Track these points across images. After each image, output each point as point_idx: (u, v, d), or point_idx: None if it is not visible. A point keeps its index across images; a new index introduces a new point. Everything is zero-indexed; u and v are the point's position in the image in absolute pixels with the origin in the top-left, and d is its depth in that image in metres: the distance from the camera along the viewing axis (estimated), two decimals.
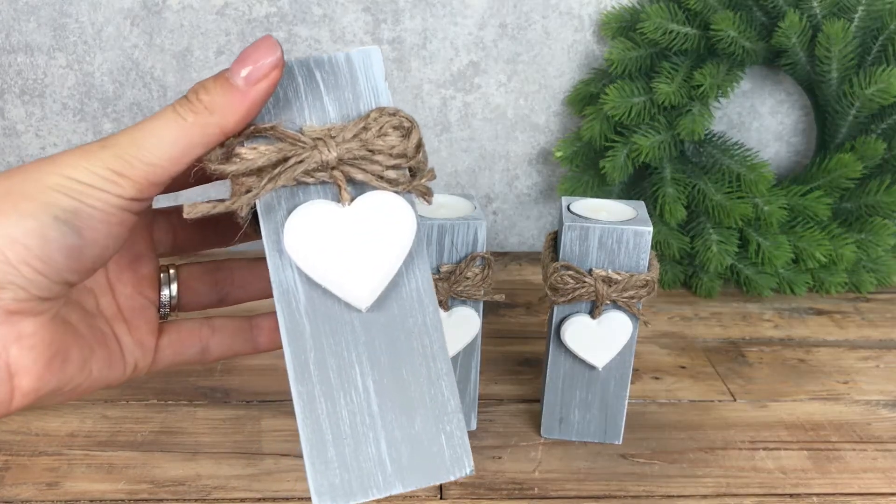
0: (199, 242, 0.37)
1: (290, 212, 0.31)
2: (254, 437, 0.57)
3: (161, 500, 0.50)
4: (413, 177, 0.33)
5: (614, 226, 0.51)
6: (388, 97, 0.33)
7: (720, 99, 0.81)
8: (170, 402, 0.60)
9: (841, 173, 0.77)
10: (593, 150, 0.81)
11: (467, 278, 0.52)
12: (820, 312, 0.78)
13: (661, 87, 0.74)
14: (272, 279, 0.31)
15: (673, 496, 0.52)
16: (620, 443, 0.57)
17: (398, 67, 0.84)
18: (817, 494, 0.53)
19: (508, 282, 0.82)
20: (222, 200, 0.31)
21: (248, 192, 0.30)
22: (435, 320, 0.32)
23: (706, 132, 0.79)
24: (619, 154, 0.77)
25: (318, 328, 0.30)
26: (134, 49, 0.82)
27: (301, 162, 0.30)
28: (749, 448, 0.57)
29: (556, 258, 0.53)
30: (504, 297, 0.54)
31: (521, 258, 0.88)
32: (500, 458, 0.55)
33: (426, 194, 0.33)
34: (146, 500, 0.50)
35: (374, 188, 0.32)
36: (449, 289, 0.52)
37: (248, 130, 0.31)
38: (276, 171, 0.30)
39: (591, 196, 0.81)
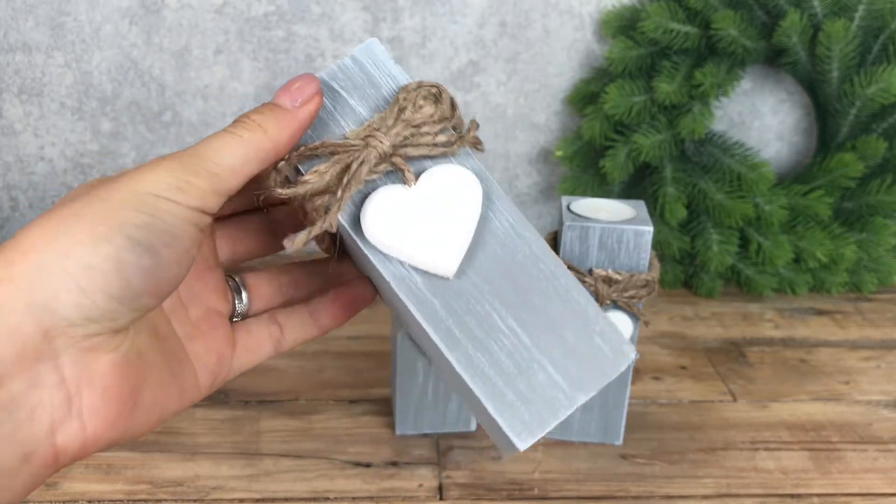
0: (256, 251, 0.38)
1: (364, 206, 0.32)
2: (252, 438, 0.56)
3: (160, 501, 0.50)
4: (459, 133, 0.34)
5: (614, 225, 0.51)
6: (405, 75, 0.34)
7: (721, 98, 0.80)
8: None
9: (842, 173, 0.77)
10: (593, 149, 0.81)
11: None
12: (821, 312, 0.78)
13: (661, 87, 0.74)
14: (386, 275, 0.32)
15: (673, 497, 0.52)
16: (620, 443, 0.57)
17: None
18: (818, 495, 0.53)
19: None
20: (310, 228, 0.32)
21: (326, 209, 0.32)
22: (541, 246, 0.34)
23: (707, 131, 0.79)
24: (619, 153, 0.77)
25: (444, 298, 0.32)
26: (132, 48, 0.82)
27: (363, 163, 0.31)
28: (750, 448, 0.57)
29: None
30: None
31: None
32: (500, 458, 0.55)
33: (477, 144, 0.35)
34: (145, 501, 0.50)
35: (432, 164, 0.33)
36: None
37: (300, 152, 0.32)
38: (345, 179, 0.32)
39: (592, 196, 0.80)
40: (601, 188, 0.81)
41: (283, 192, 0.32)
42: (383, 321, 0.72)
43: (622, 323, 0.53)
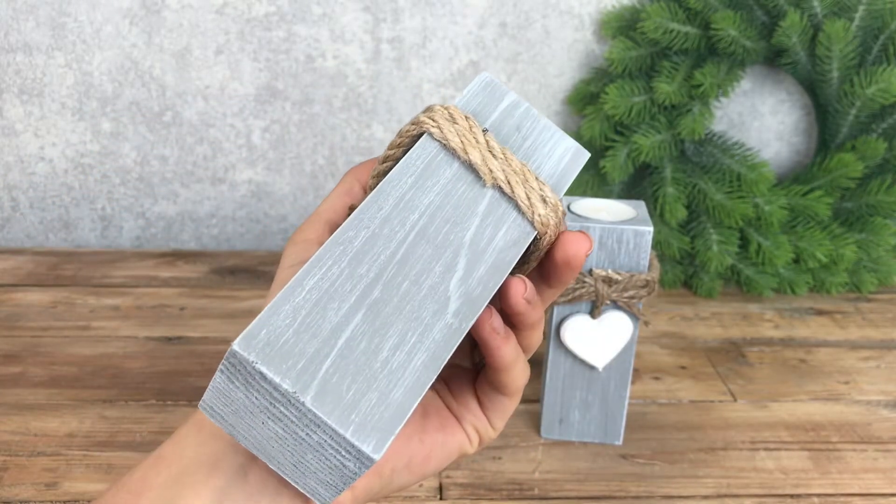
0: None
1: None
2: None
3: None
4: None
5: (614, 225, 0.51)
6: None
7: (721, 98, 0.81)
8: (168, 402, 0.60)
9: (842, 173, 0.77)
10: (593, 149, 0.81)
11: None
12: (820, 312, 0.78)
13: (661, 87, 0.74)
14: None
15: (673, 497, 0.52)
16: (620, 443, 0.57)
17: (398, 67, 0.84)
18: (818, 495, 0.53)
19: None
20: None
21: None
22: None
23: (706, 132, 0.79)
24: (619, 153, 0.77)
25: None
26: (133, 48, 0.82)
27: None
28: (749, 448, 0.57)
29: None
30: None
31: None
32: (499, 458, 0.55)
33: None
34: None
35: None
36: None
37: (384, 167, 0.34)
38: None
39: (592, 196, 0.81)
40: (601, 188, 0.81)
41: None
42: None
43: (622, 323, 0.53)
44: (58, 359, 0.65)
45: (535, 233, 0.31)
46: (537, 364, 0.67)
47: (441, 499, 0.51)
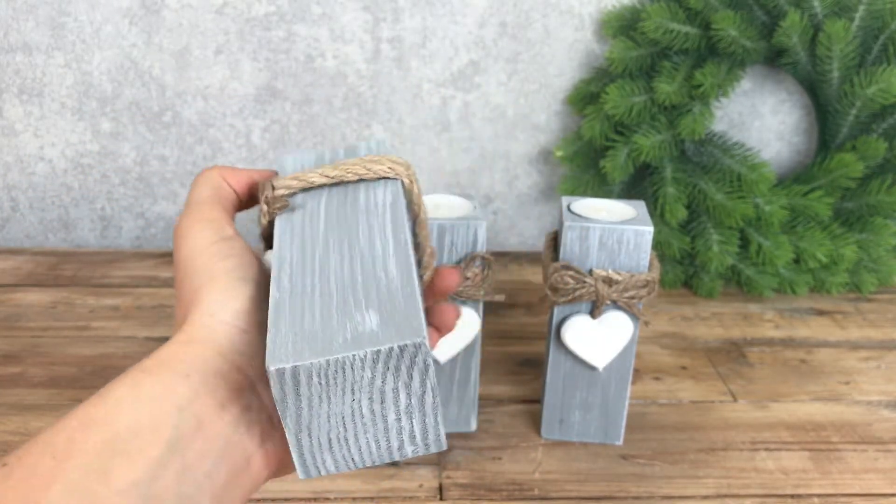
0: None
1: None
2: None
3: None
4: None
5: (615, 226, 0.51)
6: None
7: (721, 98, 0.80)
8: None
9: (842, 173, 0.77)
10: (594, 149, 0.81)
11: (467, 278, 0.52)
12: (821, 313, 0.78)
13: (661, 87, 0.74)
14: None
15: (673, 497, 0.52)
16: (621, 443, 0.57)
17: (398, 66, 0.84)
18: (818, 495, 0.53)
19: (508, 282, 0.82)
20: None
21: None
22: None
23: (707, 132, 0.79)
24: (619, 153, 0.77)
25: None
26: (132, 48, 0.82)
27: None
28: (750, 449, 0.57)
29: (556, 258, 0.53)
30: (504, 297, 0.54)
31: (521, 258, 0.88)
32: (500, 458, 0.55)
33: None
34: None
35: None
36: None
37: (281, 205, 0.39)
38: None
39: (592, 196, 0.81)
40: (601, 188, 0.81)
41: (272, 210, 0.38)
42: None
43: (622, 323, 0.53)
44: (57, 359, 0.65)
45: (399, 179, 0.38)
46: (537, 364, 0.67)
47: (441, 499, 0.51)
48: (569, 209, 0.54)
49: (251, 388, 0.32)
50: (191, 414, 0.30)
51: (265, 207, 0.38)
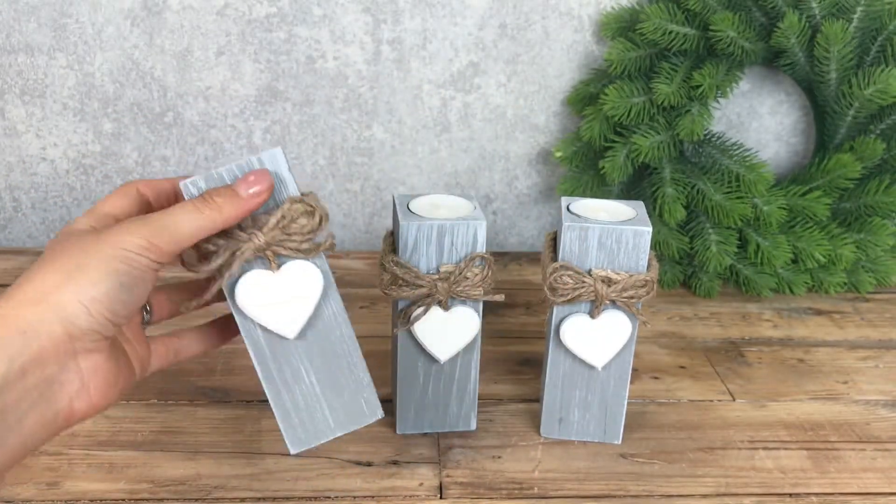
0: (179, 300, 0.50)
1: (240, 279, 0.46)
2: (254, 437, 0.57)
3: (161, 500, 0.50)
4: (318, 244, 0.47)
5: (614, 226, 0.51)
6: (295, 186, 0.45)
7: (719, 99, 0.81)
8: (170, 401, 0.60)
9: (840, 173, 0.77)
10: (593, 150, 0.81)
11: (467, 278, 0.52)
12: (819, 312, 0.78)
13: (660, 88, 0.75)
14: (240, 327, 0.46)
15: (672, 496, 0.52)
16: (620, 442, 0.57)
17: (398, 68, 0.84)
18: (816, 494, 0.53)
19: (508, 282, 0.82)
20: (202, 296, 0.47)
21: (220, 272, 0.45)
22: (348, 331, 0.47)
23: (705, 132, 0.80)
24: (618, 154, 0.77)
25: (274, 351, 0.47)
26: (134, 49, 0.82)
27: (243, 252, 0.44)
28: (748, 448, 0.57)
29: (555, 258, 0.53)
30: (504, 297, 0.54)
31: (521, 258, 0.88)
32: (499, 457, 0.56)
33: (332, 247, 0.47)
34: (146, 500, 0.50)
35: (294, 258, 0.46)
36: (449, 289, 0.52)
37: (205, 238, 0.44)
38: (232, 264, 0.44)
39: (591, 196, 0.81)
40: (601, 189, 0.81)
41: (195, 270, 0.45)
42: (382, 321, 0.72)
43: (621, 323, 0.53)
44: None
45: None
46: (537, 364, 0.67)
47: (441, 498, 0.52)
48: (568, 209, 0.54)
49: (73, 355, 0.39)
50: (19, 365, 0.37)
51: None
